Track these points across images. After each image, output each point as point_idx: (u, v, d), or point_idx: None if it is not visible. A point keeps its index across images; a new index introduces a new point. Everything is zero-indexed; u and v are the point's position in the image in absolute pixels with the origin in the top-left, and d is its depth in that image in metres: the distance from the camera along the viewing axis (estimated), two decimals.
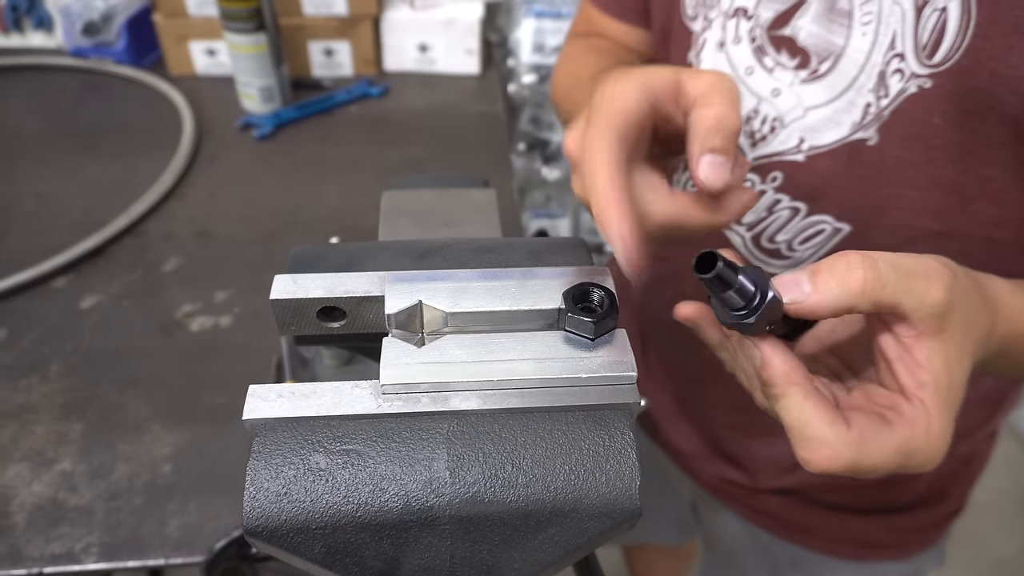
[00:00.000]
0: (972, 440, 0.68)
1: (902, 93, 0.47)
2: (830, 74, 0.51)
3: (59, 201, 0.91)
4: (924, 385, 0.31)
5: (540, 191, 1.77)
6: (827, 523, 0.71)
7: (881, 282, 0.30)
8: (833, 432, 0.30)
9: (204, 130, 1.05)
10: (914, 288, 0.30)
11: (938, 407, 0.31)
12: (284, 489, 0.28)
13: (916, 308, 0.30)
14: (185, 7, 1.11)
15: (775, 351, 0.31)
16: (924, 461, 0.31)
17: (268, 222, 0.90)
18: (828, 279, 0.30)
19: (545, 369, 0.31)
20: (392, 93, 1.15)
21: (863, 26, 0.48)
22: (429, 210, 0.54)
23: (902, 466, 0.31)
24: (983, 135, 0.46)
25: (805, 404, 0.31)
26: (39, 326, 0.75)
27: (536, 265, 0.36)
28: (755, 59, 0.54)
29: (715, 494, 0.77)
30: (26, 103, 1.10)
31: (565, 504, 0.29)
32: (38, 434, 0.65)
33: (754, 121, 0.55)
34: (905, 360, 0.31)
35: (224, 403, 0.68)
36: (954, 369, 0.31)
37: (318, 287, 0.34)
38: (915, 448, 0.31)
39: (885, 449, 0.31)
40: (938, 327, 0.31)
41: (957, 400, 0.32)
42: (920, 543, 0.73)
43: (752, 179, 0.57)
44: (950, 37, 0.45)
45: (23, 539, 0.57)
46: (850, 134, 0.51)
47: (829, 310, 0.30)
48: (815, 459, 0.31)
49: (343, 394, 0.30)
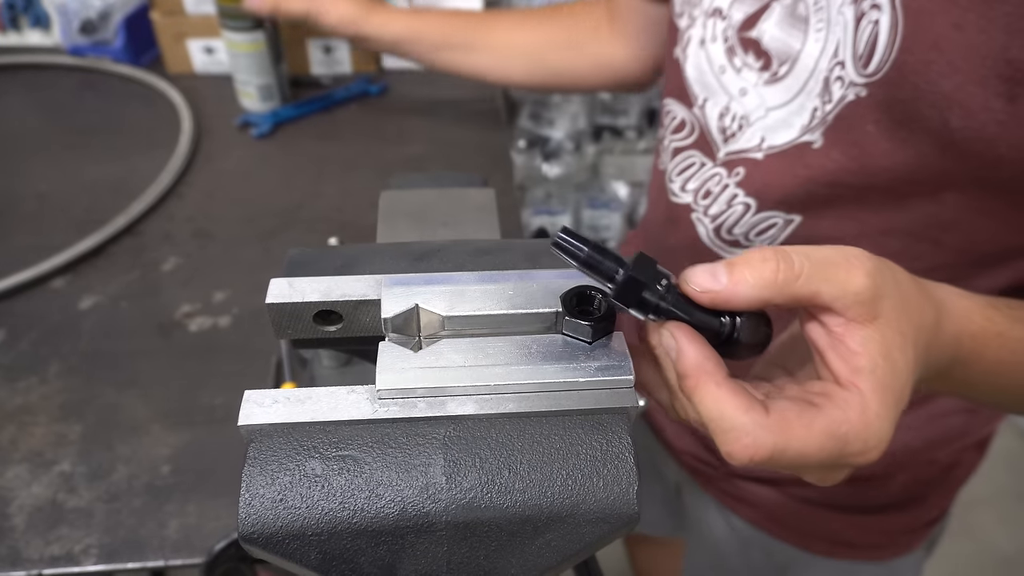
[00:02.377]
0: (951, 449, 0.68)
1: (842, 100, 0.49)
2: (787, 77, 0.52)
3: (57, 200, 0.91)
4: (859, 371, 0.30)
5: (540, 188, 1.77)
6: (799, 516, 0.72)
7: (795, 272, 0.29)
8: (750, 418, 0.29)
9: (202, 129, 1.04)
10: (833, 277, 0.30)
11: (875, 391, 0.30)
12: (280, 495, 0.28)
13: (838, 296, 0.30)
14: (183, 5, 1.10)
15: (690, 342, 0.30)
16: (864, 448, 0.30)
17: (267, 221, 0.89)
18: (743, 269, 0.30)
19: (542, 373, 0.31)
20: (392, 91, 1.14)
21: (816, 32, 0.50)
22: (427, 210, 0.54)
23: (839, 453, 0.30)
24: (911, 145, 0.47)
25: (719, 393, 0.30)
26: (38, 327, 0.74)
27: (534, 267, 0.36)
28: (727, 59, 0.56)
29: (694, 477, 0.78)
30: (23, 102, 1.10)
31: (562, 509, 0.28)
32: (37, 435, 0.65)
33: (726, 118, 0.58)
34: (838, 349, 0.31)
35: (223, 403, 0.68)
36: (894, 356, 0.30)
37: (314, 291, 0.34)
38: (849, 432, 0.30)
39: (811, 432, 0.29)
40: (869, 313, 0.30)
41: (900, 388, 0.31)
42: (895, 547, 0.73)
43: (720, 172, 0.59)
44: (880, 49, 0.46)
45: (22, 541, 0.57)
46: (799, 136, 0.52)
47: (743, 300, 0.30)
48: (736, 450, 0.29)
49: (339, 399, 0.30)
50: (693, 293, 0.30)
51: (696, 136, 0.61)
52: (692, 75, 0.60)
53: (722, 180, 0.59)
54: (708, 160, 0.60)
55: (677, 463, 0.79)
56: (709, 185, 0.60)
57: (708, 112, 0.59)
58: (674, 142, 0.64)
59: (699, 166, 0.61)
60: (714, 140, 0.59)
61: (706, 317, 0.31)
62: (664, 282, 0.30)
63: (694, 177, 0.61)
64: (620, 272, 0.30)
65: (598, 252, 0.30)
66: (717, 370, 0.30)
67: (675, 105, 0.63)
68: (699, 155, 0.61)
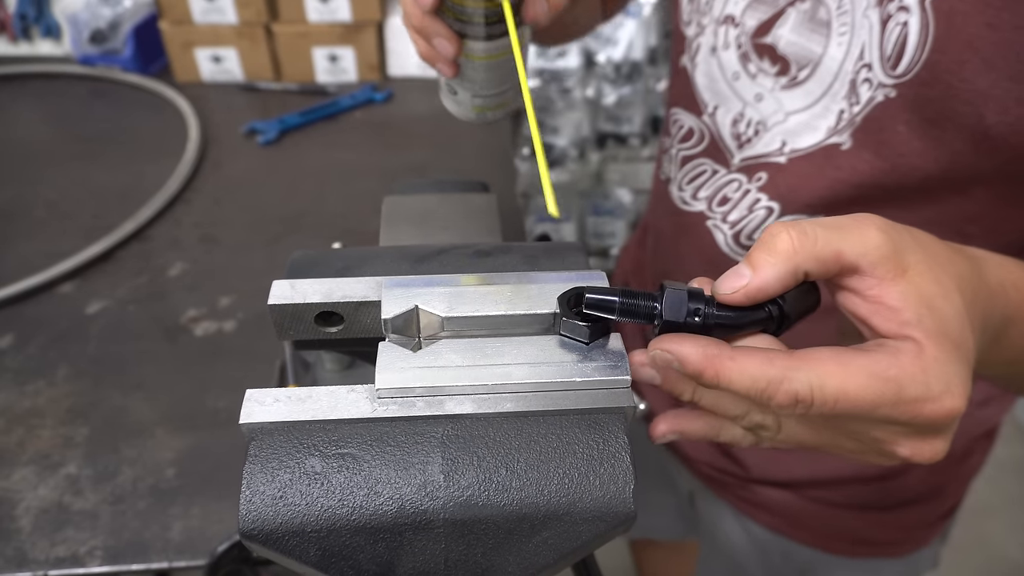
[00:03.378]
0: (965, 438, 0.68)
1: (871, 101, 0.50)
2: (808, 81, 0.53)
3: (67, 207, 0.92)
4: (907, 323, 0.29)
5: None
6: (819, 518, 0.71)
7: (809, 238, 0.30)
8: (777, 367, 0.28)
9: (209, 136, 1.05)
10: (848, 235, 0.30)
11: (929, 337, 0.29)
12: (280, 492, 0.28)
13: (862, 252, 0.29)
14: (191, 14, 1.12)
15: (681, 343, 0.30)
16: (926, 393, 0.28)
17: (272, 227, 0.90)
18: (759, 253, 0.30)
19: (540, 373, 0.31)
20: (396, 98, 1.15)
21: (839, 36, 0.50)
22: (429, 214, 0.54)
23: (896, 398, 0.28)
24: (943, 143, 0.48)
25: (737, 364, 0.29)
26: (46, 331, 0.75)
27: (532, 269, 0.37)
28: (740, 65, 0.57)
29: (709, 484, 0.77)
30: (35, 111, 1.12)
31: (559, 508, 0.29)
32: (44, 438, 0.65)
33: (740, 124, 0.58)
34: (880, 312, 0.30)
35: (227, 407, 0.68)
36: (938, 305, 0.29)
37: (316, 292, 0.34)
38: (901, 376, 0.28)
39: (849, 370, 0.28)
40: (897, 267, 0.30)
41: (957, 335, 0.29)
42: (914, 541, 0.73)
43: (738, 178, 0.59)
44: (910, 50, 0.47)
45: (28, 542, 0.57)
46: (826, 138, 0.53)
47: (774, 280, 0.30)
48: (779, 399, 0.28)
49: (339, 398, 0.31)
50: (727, 298, 0.30)
51: (706, 144, 0.61)
52: (702, 83, 0.60)
53: (742, 186, 0.59)
54: (720, 167, 0.60)
55: (690, 471, 0.79)
56: (726, 191, 0.60)
57: (719, 119, 0.59)
58: (682, 151, 0.64)
59: (711, 173, 0.61)
60: (727, 147, 0.59)
61: (753, 314, 0.31)
62: (699, 305, 0.31)
63: (706, 185, 0.62)
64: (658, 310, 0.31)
65: (629, 297, 0.31)
66: (723, 348, 0.30)
67: (683, 114, 0.64)
68: (710, 163, 0.61)
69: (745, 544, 0.78)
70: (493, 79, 0.52)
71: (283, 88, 1.17)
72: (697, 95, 0.61)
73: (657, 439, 0.36)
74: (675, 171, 0.65)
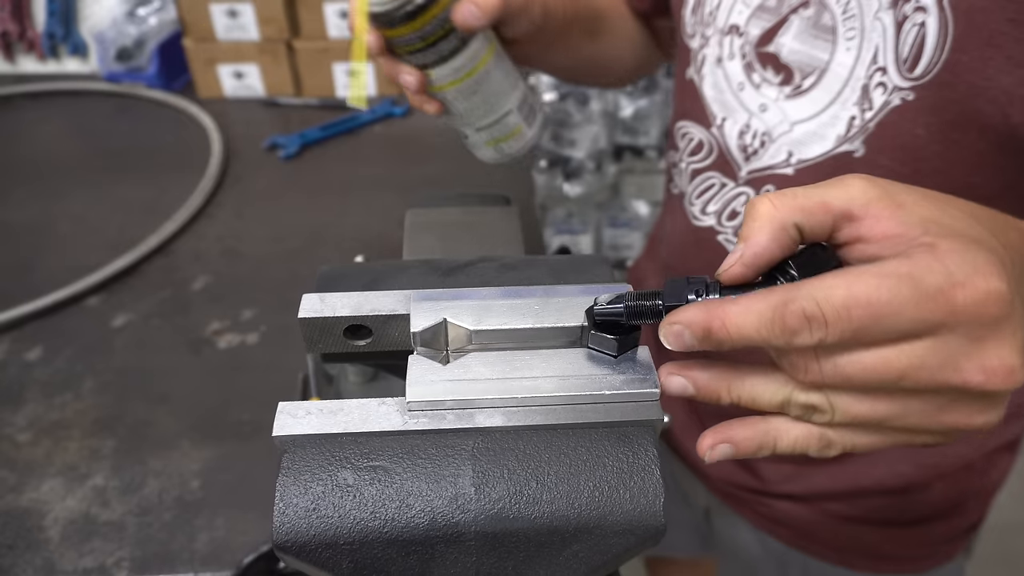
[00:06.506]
0: (984, 452, 0.67)
1: (886, 106, 0.48)
2: (813, 89, 0.52)
3: (93, 222, 0.94)
4: (915, 238, 0.28)
5: (562, 207, 1.78)
6: (839, 533, 0.70)
7: (788, 194, 0.29)
8: (778, 293, 0.27)
9: (232, 151, 1.07)
10: (831, 187, 0.29)
11: (943, 237, 0.27)
12: (313, 505, 0.28)
13: (849, 198, 0.29)
14: (214, 32, 1.14)
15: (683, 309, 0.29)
16: (948, 278, 0.26)
17: (294, 241, 0.91)
18: (746, 226, 0.30)
19: (568, 386, 0.31)
20: (415, 113, 1.16)
21: (847, 41, 0.49)
22: (452, 228, 0.55)
23: (916, 292, 0.26)
24: (965, 146, 0.47)
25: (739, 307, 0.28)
26: (73, 344, 0.76)
27: (559, 283, 0.37)
28: (745, 75, 0.56)
29: (726, 500, 0.76)
30: (62, 127, 1.14)
31: (589, 521, 0.29)
32: (71, 450, 0.66)
33: (746, 136, 0.57)
34: (887, 244, 0.28)
35: (250, 419, 0.69)
36: (946, 221, 0.28)
37: (345, 306, 0.35)
38: (914, 270, 0.26)
39: (858, 276, 0.27)
40: (892, 204, 0.28)
41: (977, 234, 0.28)
42: (936, 557, 0.72)
43: (747, 192, 0.58)
44: (929, 51, 0.46)
45: (57, 553, 0.58)
46: (835, 147, 0.52)
47: (766, 243, 0.29)
48: (791, 322, 0.27)
49: (370, 411, 0.31)
50: (728, 273, 0.30)
51: (715, 157, 0.61)
52: (710, 95, 0.60)
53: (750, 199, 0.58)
54: (729, 180, 0.60)
55: (706, 487, 0.79)
56: (734, 206, 0.59)
57: (727, 131, 0.59)
58: (692, 164, 0.63)
59: (719, 187, 0.61)
60: (734, 159, 0.59)
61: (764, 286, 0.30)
62: (699, 287, 0.31)
63: (714, 199, 0.61)
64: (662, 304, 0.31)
65: (633, 300, 0.32)
66: (716, 304, 0.29)
67: (691, 127, 0.63)
68: (719, 176, 0.61)
69: (763, 559, 0.77)
70: (477, 106, 0.52)
71: (304, 103, 1.18)
72: (706, 107, 0.61)
73: (707, 455, 0.33)
74: (685, 185, 0.65)
